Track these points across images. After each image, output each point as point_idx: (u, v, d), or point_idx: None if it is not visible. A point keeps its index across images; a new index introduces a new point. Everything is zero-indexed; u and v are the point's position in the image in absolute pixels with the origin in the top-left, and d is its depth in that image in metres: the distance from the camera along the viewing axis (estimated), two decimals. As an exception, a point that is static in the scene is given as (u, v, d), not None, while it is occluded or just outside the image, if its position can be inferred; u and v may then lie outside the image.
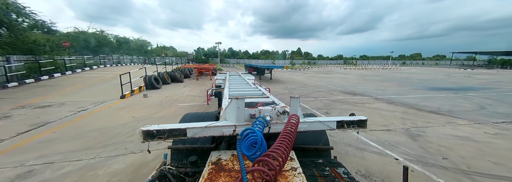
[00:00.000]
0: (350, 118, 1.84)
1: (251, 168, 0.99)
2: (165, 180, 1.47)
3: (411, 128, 5.19)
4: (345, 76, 19.91)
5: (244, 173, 1.00)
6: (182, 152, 2.08)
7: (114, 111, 6.49)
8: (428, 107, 7.42)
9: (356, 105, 7.61)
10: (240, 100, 1.61)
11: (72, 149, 3.93)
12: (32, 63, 11.43)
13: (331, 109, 6.95)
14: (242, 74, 7.85)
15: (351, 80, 16.64)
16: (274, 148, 1.08)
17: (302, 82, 14.81)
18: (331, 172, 1.57)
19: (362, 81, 15.65)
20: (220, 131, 1.60)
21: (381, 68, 37.89)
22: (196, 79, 15.18)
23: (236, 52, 70.68)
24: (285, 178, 1.19)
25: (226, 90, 3.72)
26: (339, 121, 1.79)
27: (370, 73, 25.34)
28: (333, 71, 28.05)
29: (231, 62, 59.86)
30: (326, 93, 10.04)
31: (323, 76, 19.75)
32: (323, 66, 45.83)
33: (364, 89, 11.47)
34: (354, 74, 22.62)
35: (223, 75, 7.68)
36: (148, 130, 1.47)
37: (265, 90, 3.90)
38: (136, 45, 31.57)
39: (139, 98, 8.55)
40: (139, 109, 6.75)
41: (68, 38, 16.40)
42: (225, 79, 6.03)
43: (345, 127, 1.79)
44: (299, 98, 1.82)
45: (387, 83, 14.51)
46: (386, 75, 22.17)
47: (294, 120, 1.43)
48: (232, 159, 1.44)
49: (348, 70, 30.69)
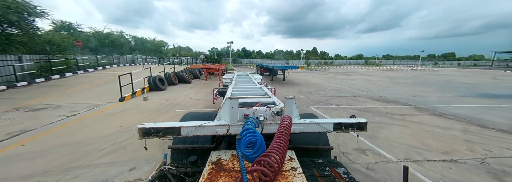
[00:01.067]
0: (349, 120, 1.75)
1: (251, 168, 1.01)
2: (165, 180, 1.46)
3: (487, 158, 3.60)
4: (369, 78, 17.78)
5: (244, 173, 1.02)
6: (182, 152, 2.06)
7: (104, 118, 5.75)
8: (494, 123, 5.59)
9: (393, 117, 6.02)
10: (234, 100, 1.61)
11: (26, 172, 3.09)
12: (44, 62, 11.46)
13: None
14: (250, 74, 7.62)
15: (377, 82, 14.62)
16: (272, 149, 1.11)
17: (320, 84, 13.24)
18: (331, 172, 1.56)
19: (391, 85, 13.60)
20: (213, 130, 1.61)
21: (409, 69, 34.24)
22: (205, 80, 14.38)
23: (249, 52, 69.91)
24: (285, 178, 1.18)
25: (230, 89, 3.64)
26: (337, 123, 1.72)
27: (399, 74, 22.65)
28: (354, 72, 25.71)
29: (243, 62, 59.22)
30: (350, 99, 8.47)
31: (343, 78, 17.85)
32: (341, 67, 42.97)
33: (398, 95, 9.63)
34: (380, 76, 20.27)
35: (231, 74, 7.58)
36: (145, 127, 1.51)
37: (268, 90, 3.81)
38: (152, 45, 32.03)
39: (138, 101, 7.82)
40: (132, 115, 5.93)
41: (81, 38, 16.70)
42: (232, 79, 5.93)
43: (343, 130, 1.73)
44: (294, 99, 1.76)
45: (424, 88, 12.33)
46: (419, 77, 19.48)
47: (287, 122, 1.41)
48: (232, 159, 1.43)
49: (371, 71, 28.00)
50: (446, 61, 61.25)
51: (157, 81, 10.02)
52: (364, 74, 22.92)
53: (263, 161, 1.03)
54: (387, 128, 5.01)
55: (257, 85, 4.58)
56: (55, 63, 11.97)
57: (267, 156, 1.04)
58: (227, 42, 29.53)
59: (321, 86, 12.27)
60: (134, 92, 8.61)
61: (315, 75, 21.09)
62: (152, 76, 10.20)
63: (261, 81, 5.39)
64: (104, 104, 7.27)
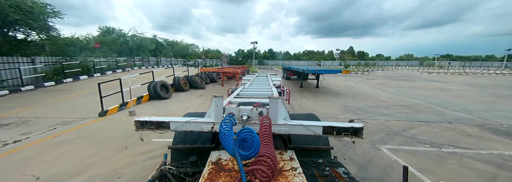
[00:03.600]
0: (343, 125, 1.62)
1: (250, 168, 1.01)
2: (165, 180, 1.46)
3: None
4: (445, 86, 12.81)
5: (242, 172, 1.00)
6: (182, 152, 2.05)
7: (43, 151, 3.77)
8: None
9: None
10: (218, 98, 1.65)
11: None
12: (58, 65, 10.93)
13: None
14: (270, 75, 7.52)
15: (464, 94, 9.93)
16: (265, 149, 1.13)
17: (373, 95, 9.45)
18: (331, 172, 1.54)
19: (494, 99, 8.85)
20: (199, 127, 1.65)
21: (487, 73, 25.92)
22: (221, 85, 12.13)
23: (276, 53, 66.70)
24: (285, 178, 1.18)
25: (238, 90, 3.71)
26: (328, 126, 1.61)
27: (484, 81, 16.46)
28: (412, 76, 20.17)
29: (269, 64, 56.51)
30: (448, 130, 4.80)
31: (403, 85, 13.32)
32: (389, 68, 36.01)
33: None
34: (458, 83, 14.81)
35: (252, 75, 7.59)
36: (140, 120, 1.66)
37: (276, 92, 3.74)
38: (178, 48, 32.09)
39: (122, 117, 5.87)
40: (81, 150, 3.81)
41: (99, 40, 16.67)
42: (251, 80, 5.87)
43: (334, 135, 1.61)
44: (279, 99, 1.70)
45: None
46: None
47: (266, 122, 1.44)
48: (232, 159, 1.43)
49: (438, 76, 21.71)
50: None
51: (158, 88, 8.08)
52: (430, 79, 17.40)
53: (260, 161, 1.06)
54: None
55: (270, 86, 4.57)
56: (69, 65, 11.41)
57: (264, 156, 1.06)
58: (251, 42, 27.09)
59: (377, 99, 8.55)
60: (124, 102, 6.77)
61: (358, 79, 16.76)
62: (154, 81, 8.34)
63: (279, 83, 5.35)
64: (79, 120, 5.51)
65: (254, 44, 27.08)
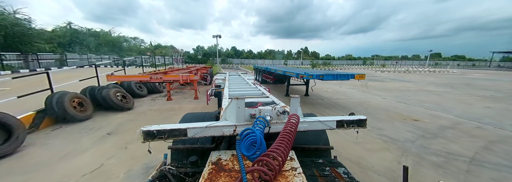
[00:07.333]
0: (350, 118, 1.76)
1: (250, 168, 1.00)
2: (165, 180, 1.43)
3: None
4: (422, 87, 12.19)
5: (243, 173, 1.00)
6: (182, 152, 1.98)
7: None
8: None
9: None
10: (240, 100, 1.57)
11: None
12: None
13: None
14: (241, 73, 7.20)
15: (450, 97, 8.91)
16: (274, 148, 1.08)
17: (384, 108, 7.15)
18: (331, 172, 1.53)
19: (480, 101, 7.90)
20: (220, 131, 1.57)
21: (422, 70, 29.79)
22: (167, 99, 7.62)
23: (240, 51, 63.31)
24: (285, 178, 1.15)
25: (226, 90, 3.57)
26: (339, 120, 1.73)
27: (443, 80, 17.54)
28: (375, 75, 20.36)
29: (234, 62, 52.51)
30: (474, 143, 2.39)
31: (383, 87, 12.10)
32: (345, 68, 37.96)
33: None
34: (426, 82, 14.91)
35: (223, 74, 7.26)
36: (148, 130, 1.41)
37: (264, 89, 3.75)
38: (104, 40, 23.29)
39: None
40: None
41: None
42: (224, 79, 5.71)
43: (345, 127, 1.73)
44: (299, 97, 1.68)
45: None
46: (477, 84, 14.31)
47: (294, 120, 1.41)
48: (232, 159, 1.39)
49: (397, 74, 22.91)
50: (449, 62, 59.87)
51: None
52: (396, 79, 17.47)
53: (263, 161, 1.02)
54: None
55: (252, 85, 4.58)
56: None
57: (267, 156, 1.02)
58: (213, 36, 22.16)
59: (402, 115, 6.14)
60: None
61: (335, 81, 15.06)
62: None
63: (254, 81, 5.34)
64: None
65: (217, 38, 22.23)
